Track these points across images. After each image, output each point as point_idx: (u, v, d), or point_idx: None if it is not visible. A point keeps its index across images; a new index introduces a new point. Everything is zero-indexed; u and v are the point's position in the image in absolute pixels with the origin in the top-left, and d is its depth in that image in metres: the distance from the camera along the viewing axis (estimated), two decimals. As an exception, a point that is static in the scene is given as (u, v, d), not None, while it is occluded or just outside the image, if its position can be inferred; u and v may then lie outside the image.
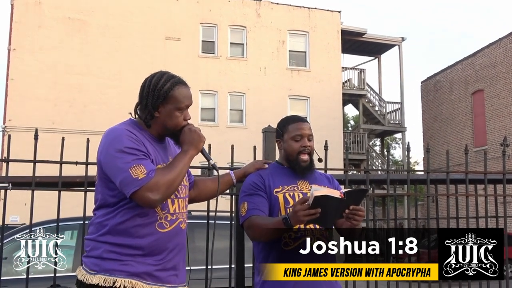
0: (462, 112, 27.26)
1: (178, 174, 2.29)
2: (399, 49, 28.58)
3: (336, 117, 25.52)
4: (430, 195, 4.33)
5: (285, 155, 2.88)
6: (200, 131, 2.42)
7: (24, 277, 3.61)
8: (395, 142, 45.84)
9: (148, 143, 2.36)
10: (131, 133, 2.32)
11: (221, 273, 4.43)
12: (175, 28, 23.79)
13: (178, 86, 2.39)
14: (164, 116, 2.38)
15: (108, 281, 2.23)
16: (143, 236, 2.29)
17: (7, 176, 3.50)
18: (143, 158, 2.27)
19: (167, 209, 2.35)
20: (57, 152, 3.74)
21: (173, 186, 2.27)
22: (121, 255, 2.26)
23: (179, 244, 2.40)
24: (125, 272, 2.25)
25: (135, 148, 2.27)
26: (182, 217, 2.42)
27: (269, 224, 2.58)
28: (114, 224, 2.29)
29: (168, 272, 2.34)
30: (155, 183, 2.21)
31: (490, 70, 25.41)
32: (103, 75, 22.20)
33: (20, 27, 21.86)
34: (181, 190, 2.43)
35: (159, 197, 2.23)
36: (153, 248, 2.30)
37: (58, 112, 21.47)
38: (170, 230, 2.35)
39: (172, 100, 2.37)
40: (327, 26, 26.14)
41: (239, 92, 24.41)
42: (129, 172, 2.21)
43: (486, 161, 4.55)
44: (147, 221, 2.30)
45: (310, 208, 2.36)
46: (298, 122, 2.88)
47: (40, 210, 5.04)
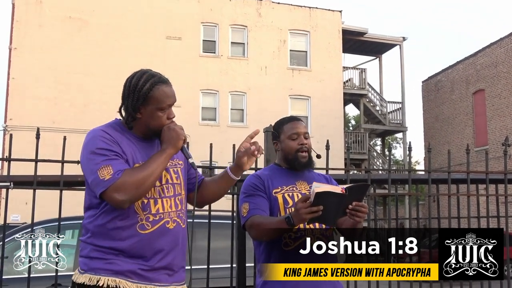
0: (463, 111, 27.24)
1: (149, 173, 2.23)
2: (400, 49, 28.57)
3: (337, 117, 25.52)
4: (432, 195, 4.34)
5: (283, 155, 2.88)
6: (181, 129, 2.35)
7: (25, 276, 3.62)
8: (396, 141, 45.82)
9: (127, 143, 2.33)
10: (106, 133, 2.30)
11: (222, 272, 4.43)
12: (176, 28, 23.79)
13: (158, 85, 2.33)
14: (146, 117, 2.34)
15: (92, 280, 2.24)
16: (124, 238, 2.26)
17: (8, 175, 3.50)
18: (114, 158, 2.24)
19: (148, 209, 2.30)
20: (58, 151, 3.74)
21: (143, 185, 2.21)
22: (106, 253, 2.26)
23: (170, 244, 2.33)
24: (109, 270, 2.24)
25: (106, 148, 2.25)
26: (170, 216, 2.35)
27: (271, 223, 2.58)
28: (96, 226, 2.29)
29: (157, 272, 2.29)
30: (122, 184, 2.17)
31: (491, 69, 25.39)
32: (104, 74, 22.20)
33: (21, 26, 21.88)
34: (166, 189, 2.37)
35: (126, 198, 2.18)
36: (135, 250, 2.26)
37: (59, 111, 21.48)
38: (153, 231, 2.29)
39: (153, 101, 2.32)
40: (328, 26, 26.13)
41: (240, 91, 24.41)
42: (97, 173, 2.20)
43: (487, 161, 4.55)
44: (127, 223, 2.27)
45: (312, 206, 2.35)
46: (293, 121, 2.90)
47: (41, 209, 5.05)
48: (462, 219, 4.81)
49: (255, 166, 3.83)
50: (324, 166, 3.97)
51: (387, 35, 28.90)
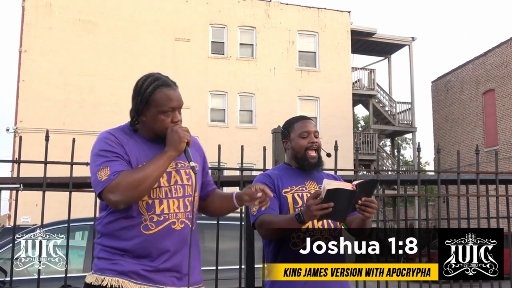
0: (473, 112, 27.11)
1: (146, 175, 2.22)
2: (409, 49, 28.47)
3: (346, 118, 25.46)
4: (441, 196, 4.32)
5: (292, 154, 2.89)
6: (186, 131, 2.34)
7: (34, 277, 3.63)
8: (406, 142, 45.68)
9: (133, 145, 2.35)
10: (111, 135, 2.34)
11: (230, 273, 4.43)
12: (185, 29, 23.84)
13: (160, 88, 2.33)
14: (150, 120, 2.35)
15: (98, 280, 2.27)
16: (130, 239, 2.27)
17: (18, 177, 3.52)
18: (113, 160, 2.27)
19: (152, 210, 2.30)
20: (67, 153, 3.75)
21: (139, 187, 2.21)
22: (112, 254, 2.29)
23: (177, 245, 2.32)
24: (113, 271, 2.26)
25: (107, 150, 2.29)
26: (176, 217, 2.34)
27: (282, 221, 2.58)
28: (104, 227, 2.33)
29: (163, 274, 2.28)
30: (116, 184, 2.20)
31: (501, 69, 25.25)
32: (113, 76, 22.29)
33: (31, 29, 22.00)
34: (174, 190, 2.36)
35: (119, 198, 2.20)
36: (139, 250, 2.27)
37: (69, 113, 21.57)
38: (157, 231, 2.29)
39: (154, 104, 2.33)
40: (337, 26, 26.09)
41: (249, 92, 24.41)
42: (96, 174, 2.26)
43: (497, 161, 4.53)
44: (132, 223, 2.28)
45: (323, 202, 2.36)
46: (304, 120, 2.90)
47: (51, 210, 5.07)
48: (471, 219, 4.79)
49: (264, 167, 3.84)
50: (332, 167, 3.96)
51: (396, 35, 28.80)
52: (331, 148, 3.98)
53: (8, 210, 20.51)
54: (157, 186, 2.32)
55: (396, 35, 28.84)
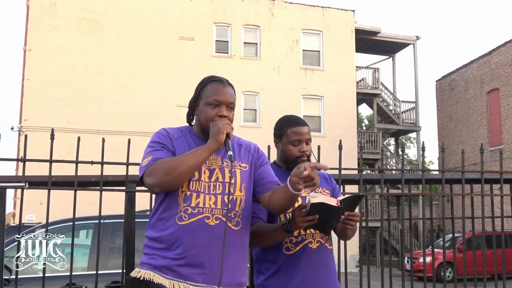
0: (478, 111, 27.05)
1: (182, 161, 2.29)
2: (413, 48, 28.43)
3: (350, 117, 25.45)
4: (445, 195, 4.31)
5: (282, 157, 2.87)
6: (227, 124, 2.39)
7: (39, 275, 3.64)
8: (410, 141, 45.60)
9: (183, 140, 2.46)
10: (164, 130, 2.49)
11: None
12: (189, 28, 23.86)
13: (211, 83, 2.50)
14: (199, 113, 2.50)
15: (138, 274, 2.35)
16: (165, 228, 2.34)
17: (23, 175, 3.53)
18: (158, 149, 2.40)
19: (189, 201, 2.34)
20: (72, 152, 3.76)
21: (173, 172, 2.26)
22: (151, 248, 2.37)
23: (208, 241, 2.29)
24: (150, 265, 2.34)
25: (156, 141, 2.43)
26: (212, 213, 2.33)
27: (269, 231, 2.58)
28: (150, 218, 2.45)
29: (193, 269, 2.28)
30: (153, 169, 2.31)
31: (506, 68, 25.18)
32: (117, 75, 22.32)
33: (36, 28, 22.05)
34: (213, 187, 2.38)
35: (155, 182, 2.31)
36: (171, 241, 2.30)
37: (73, 112, 21.61)
38: (189, 223, 2.30)
39: (202, 95, 2.49)
40: (341, 25, 26.07)
41: (253, 91, 24.41)
42: (142, 162, 2.41)
43: (501, 161, 4.52)
44: (169, 213, 2.35)
45: (308, 215, 2.37)
46: (297, 126, 2.81)
47: (56, 209, 5.08)
48: (476, 219, 4.78)
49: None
50: (336, 166, 3.96)
51: (400, 34, 28.78)
52: (335, 147, 3.98)
53: (12, 209, 20.57)
54: (197, 179, 2.36)
55: (401, 34, 28.83)
